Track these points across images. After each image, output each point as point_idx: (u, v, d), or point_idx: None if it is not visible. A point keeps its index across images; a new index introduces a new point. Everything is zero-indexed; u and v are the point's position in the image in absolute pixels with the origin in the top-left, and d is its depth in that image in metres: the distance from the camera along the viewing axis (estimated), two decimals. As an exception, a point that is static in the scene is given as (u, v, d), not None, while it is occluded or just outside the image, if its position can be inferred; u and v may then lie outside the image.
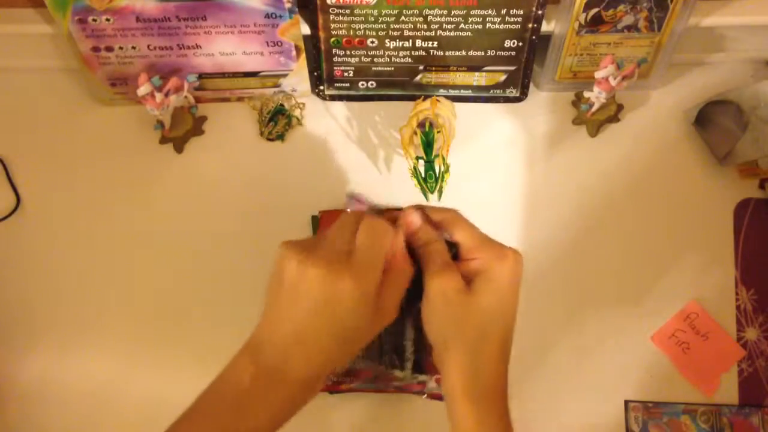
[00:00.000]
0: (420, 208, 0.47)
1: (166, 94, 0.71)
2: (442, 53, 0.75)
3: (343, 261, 0.41)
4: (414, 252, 0.46)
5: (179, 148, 0.77)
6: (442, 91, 0.79)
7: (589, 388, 0.70)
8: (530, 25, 0.71)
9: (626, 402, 0.69)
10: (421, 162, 0.71)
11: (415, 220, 0.45)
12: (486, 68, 0.77)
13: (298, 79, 0.78)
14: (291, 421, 0.67)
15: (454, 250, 0.45)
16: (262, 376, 0.42)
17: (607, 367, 0.70)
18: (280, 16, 0.70)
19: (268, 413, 0.42)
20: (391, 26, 0.72)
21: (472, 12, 0.70)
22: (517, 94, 0.79)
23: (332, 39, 0.73)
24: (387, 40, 0.73)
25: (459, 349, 0.43)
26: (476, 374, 0.42)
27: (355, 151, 0.78)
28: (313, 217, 0.73)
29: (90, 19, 0.69)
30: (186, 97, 0.75)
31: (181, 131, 0.76)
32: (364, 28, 0.72)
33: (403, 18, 0.71)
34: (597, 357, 0.71)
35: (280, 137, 0.78)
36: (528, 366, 0.68)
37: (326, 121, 0.79)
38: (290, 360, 0.42)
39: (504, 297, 0.43)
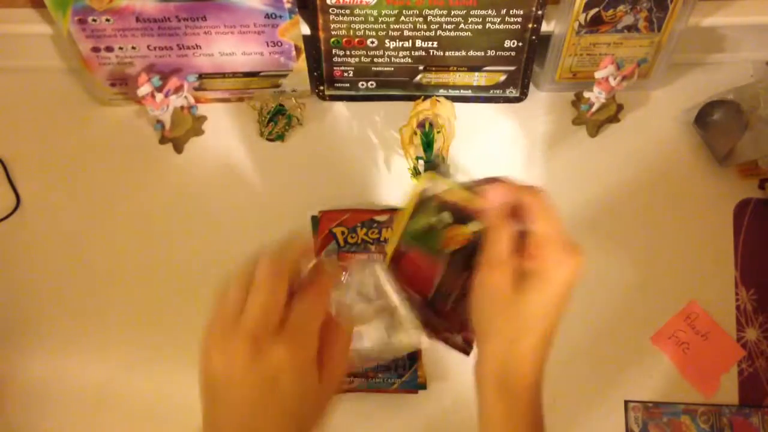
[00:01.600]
0: (508, 184, 0.44)
1: (166, 94, 0.71)
2: (442, 53, 0.75)
3: (270, 332, 0.37)
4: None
5: (179, 148, 0.77)
6: (442, 91, 0.79)
7: (589, 388, 0.70)
8: (530, 25, 0.71)
9: (626, 402, 0.69)
10: (421, 162, 0.71)
11: (495, 198, 0.43)
12: (486, 68, 0.77)
13: (298, 79, 0.78)
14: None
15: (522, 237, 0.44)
16: None
17: (607, 367, 0.70)
18: (280, 17, 0.70)
19: None
20: (391, 26, 0.72)
21: (472, 12, 0.70)
22: (517, 95, 0.79)
23: (332, 39, 0.73)
24: (387, 41, 0.73)
25: (497, 342, 0.43)
26: (509, 367, 0.42)
27: (355, 151, 0.78)
28: (313, 217, 0.73)
29: (90, 19, 0.69)
30: (186, 97, 0.75)
31: (181, 131, 0.76)
32: (364, 29, 0.72)
33: (403, 18, 0.71)
34: (597, 357, 0.71)
35: (280, 137, 0.78)
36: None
37: (326, 121, 0.79)
38: None
39: (552, 301, 0.42)
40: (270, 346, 0.37)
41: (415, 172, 0.71)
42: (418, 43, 0.73)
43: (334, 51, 0.75)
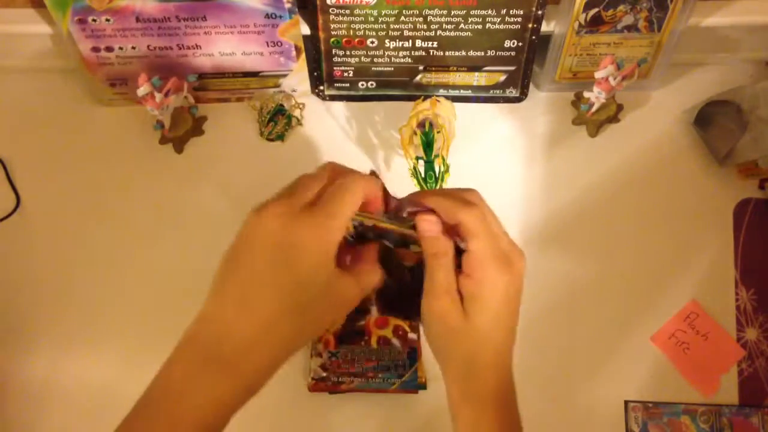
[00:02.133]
0: (438, 205, 0.43)
1: (166, 94, 0.71)
2: (442, 53, 0.75)
3: (304, 208, 0.39)
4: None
5: (179, 148, 0.77)
6: (442, 91, 0.79)
7: (589, 388, 0.70)
8: (530, 25, 0.71)
9: (626, 402, 0.69)
10: (421, 162, 0.71)
11: (431, 229, 0.43)
12: (486, 68, 0.77)
13: (298, 79, 0.78)
14: (290, 421, 0.68)
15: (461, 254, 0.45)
16: (195, 366, 0.38)
17: (607, 367, 0.70)
18: (280, 17, 0.70)
19: (202, 412, 0.37)
20: (391, 26, 0.72)
21: (472, 12, 0.70)
22: (517, 95, 0.79)
23: (332, 39, 0.73)
24: (387, 40, 0.73)
25: (455, 363, 0.44)
26: (473, 382, 0.44)
27: (355, 151, 0.78)
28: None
29: (90, 19, 0.69)
30: (186, 97, 0.75)
31: (181, 131, 0.76)
32: (364, 29, 0.72)
33: (403, 18, 0.71)
34: (597, 357, 0.71)
35: (280, 137, 0.78)
36: (528, 366, 0.68)
37: (326, 121, 0.79)
38: (231, 336, 0.38)
39: (497, 318, 0.43)
40: (298, 217, 0.38)
41: (415, 172, 0.71)
42: (418, 43, 0.73)
43: (334, 51, 0.75)
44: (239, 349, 0.38)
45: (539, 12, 0.70)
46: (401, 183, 0.74)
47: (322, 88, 0.79)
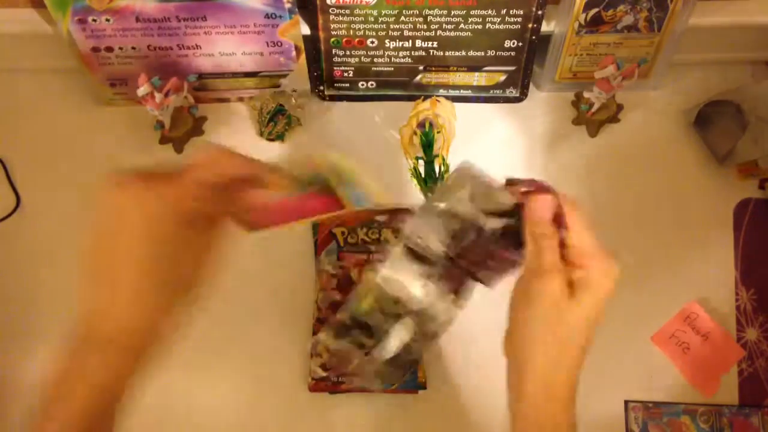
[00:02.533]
0: (553, 196, 0.45)
1: (166, 95, 0.71)
2: (442, 53, 0.75)
3: (146, 174, 0.40)
4: None
5: (179, 148, 0.77)
6: (442, 91, 0.79)
7: (589, 388, 0.69)
8: (530, 25, 0.71)
9: (626, 402, 0.69)
10: (421, 162, 0.71)
11: (545, 210, 0.44)
12: (486, 68, 0.77)
13: (298, 79, 0.78)
14: (291, 422, 0.68)
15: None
16: (82, 355, 0.40)
17: (607, 367, 0.70)
18: (280, 16, 0.70)
19: (98, 397, 0.40)
20: (391, 26, 0.72)
21: (472, 12, 0.70)
22: (517, 95, 0.79)
23: (332, 39, 0.73)
24: (387, 41, 0.73)
25: (547, 350, 0.44)
26: (556, 374, 0.44)
27: (355, 151, 0.78)
28: (313, 218, 0.73)
29: (90, 19, 0.69)
30: (186, 97, 0.75)
31: (181, 131, 0.76)
32: (364, 29, 0.72)
33: (403, 18, 0.71)
34: (597, 357, 0.70)
35: (280, 137, 0.78)
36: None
37: (326, 121, 0.79)
38: (107, 317, 0.39)
39: (598, 310, 0.44)
40: (137, 179, 0.41)
41: (415, 172, 0.71)
42: (418, 43, 0.73)
43: (334, 51, 0.75)
44: (117, 328, 0.40)
45: (539, 12, 0.70)
46: (401, 183, 0.74)
47: (322, 88, 0.79)
